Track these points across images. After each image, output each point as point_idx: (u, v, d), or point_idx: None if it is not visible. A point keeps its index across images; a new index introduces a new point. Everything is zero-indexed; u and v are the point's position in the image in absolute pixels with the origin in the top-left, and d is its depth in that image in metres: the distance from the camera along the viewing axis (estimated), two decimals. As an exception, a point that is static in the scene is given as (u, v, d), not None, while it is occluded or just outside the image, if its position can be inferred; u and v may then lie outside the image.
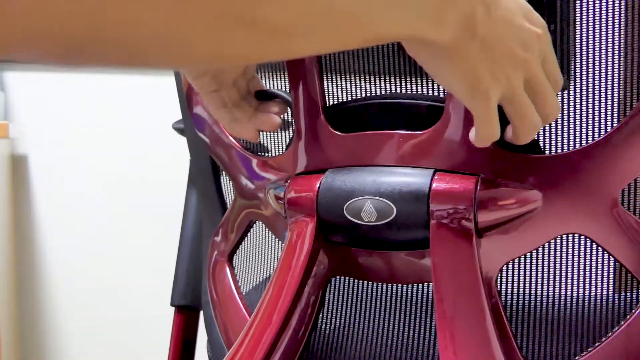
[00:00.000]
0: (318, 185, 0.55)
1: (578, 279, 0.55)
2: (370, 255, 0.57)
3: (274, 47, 0.35)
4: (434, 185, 0.51)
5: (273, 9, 0.33)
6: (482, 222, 0.51)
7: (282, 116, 0.62)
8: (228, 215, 0.72)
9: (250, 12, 0.32)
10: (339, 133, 0.57)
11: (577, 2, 0.53)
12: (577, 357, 0.53)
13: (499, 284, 0.54)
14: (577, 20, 0.53)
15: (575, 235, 0.54)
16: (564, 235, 0.54)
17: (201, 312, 1.06)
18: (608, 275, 0.56)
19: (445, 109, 0.53)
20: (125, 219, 2.12)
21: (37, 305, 2.11)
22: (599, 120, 0.53)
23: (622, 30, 0.52)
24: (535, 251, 0.54)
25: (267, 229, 0.70)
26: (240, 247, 0.72)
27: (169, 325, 1.10)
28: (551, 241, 0.54)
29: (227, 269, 0.71)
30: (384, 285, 0.62)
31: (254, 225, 0.71)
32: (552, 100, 0.49)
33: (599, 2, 0.52)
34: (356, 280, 0.62)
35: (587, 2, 0.53)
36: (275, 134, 0.67)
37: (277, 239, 0.69)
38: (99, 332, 2.13)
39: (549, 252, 0.55)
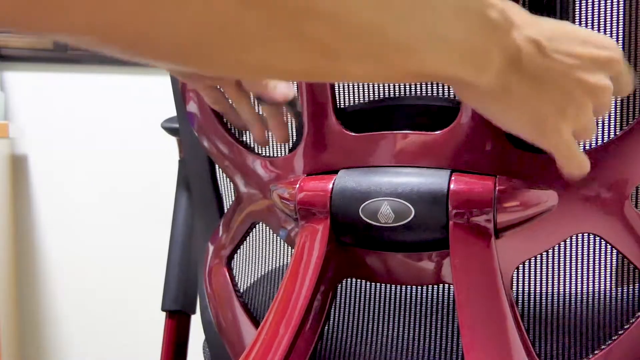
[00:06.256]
0: (331, 186, 0.55)
1: (589, 278, 0.55)
2: (381, 257, 0.56)
3: (321, 66, 0.35)
4: (452, 186, 0.51)
5: (324, 27, 0.33)
6: (501, 222, 0.51)
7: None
8: (227, 217, 0.71)
9: (299, 27, 0.32)
10: (350, 133, 0.56)
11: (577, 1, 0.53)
12: (590, 356, 0.53)
13: (513, 284, 0.54)
14: (576, 18, 0.53)
15: (588, 234, 0.54)
16: (577, 235, 0.54)
17: (192, 316, 1.06)
18: (622, 275, 0.56)
19: (461, 109, 0.52)
20: (125, 219, 2.12)
21: (37, 305, 2.10)
22: (613, 119, 0.53)
23: (631, 26, 0.52)
24: (547, 251, 0.54)
25: (263, 229, 0.69)
26: (239, 249, 0.71)
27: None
28: (565, 240, 0.54)
29: (226, 273, 0.70)
30: (391, 286, 0.61)
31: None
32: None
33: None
34: (360, 282, 0.62)
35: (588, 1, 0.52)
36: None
37: (275, 238, 0.68)
38: (99, 332, 2.13)
39: (561, 251, 0.55)
